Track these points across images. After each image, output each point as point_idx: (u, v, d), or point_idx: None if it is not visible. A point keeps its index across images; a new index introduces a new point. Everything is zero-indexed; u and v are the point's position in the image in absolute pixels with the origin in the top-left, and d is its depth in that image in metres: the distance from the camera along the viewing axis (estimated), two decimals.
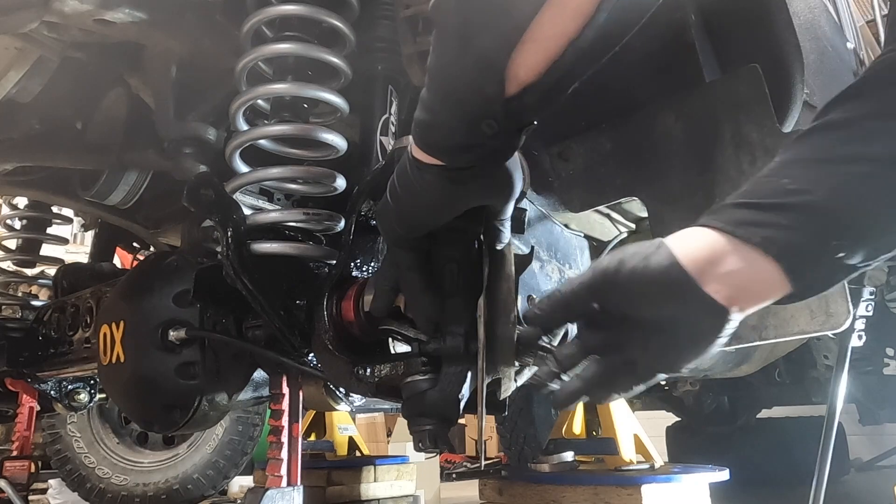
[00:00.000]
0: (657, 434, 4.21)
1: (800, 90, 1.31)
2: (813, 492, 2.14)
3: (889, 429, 4.82)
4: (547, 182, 1.49)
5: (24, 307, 2.08)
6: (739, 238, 0.66)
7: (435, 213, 0.81)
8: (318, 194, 1.25)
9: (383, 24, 1.35)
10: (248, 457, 2.80)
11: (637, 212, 1.70)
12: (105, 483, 2.62)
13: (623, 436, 2.21)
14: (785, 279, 0.67)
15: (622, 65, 0.69)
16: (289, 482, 1.22)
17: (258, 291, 1.09)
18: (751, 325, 1.24)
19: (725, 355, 2.49)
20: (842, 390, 2.26)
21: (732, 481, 2.24)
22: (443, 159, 0.74)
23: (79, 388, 2.02)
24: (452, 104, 0.70)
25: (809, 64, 1.33)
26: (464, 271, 0.85)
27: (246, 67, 1.17)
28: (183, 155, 1.45)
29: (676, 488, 2.03)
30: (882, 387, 3.44)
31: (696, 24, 1.31)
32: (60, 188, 1.98)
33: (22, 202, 2.26)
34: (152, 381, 1.23)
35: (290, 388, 1.25)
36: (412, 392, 0.89)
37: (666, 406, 4.19)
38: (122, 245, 2.47)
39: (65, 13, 1.20)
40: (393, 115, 1.35)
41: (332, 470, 2.90)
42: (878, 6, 2.73)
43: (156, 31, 1.32)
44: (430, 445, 0.85)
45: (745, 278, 0.67)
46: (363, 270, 1.16)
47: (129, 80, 1.53)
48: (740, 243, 0.66)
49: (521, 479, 2.25)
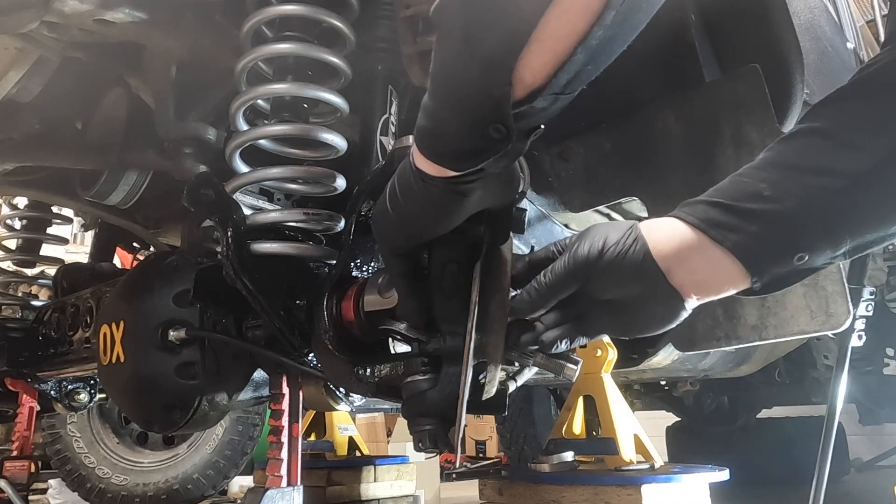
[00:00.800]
0: (657, 434, 4.21)
1: (800, 90, 1.31)
2: (813, 492, 2.14)
3: (889, 429, 4.82)
4: (547, 182, 1.50)
5: (24, 307, 2.08)
6: (711, 238, 0.71)
7: (439, 224, 0.80)
8: (318, 194, 1.25)
9: (383, 24, 1.35)
10: (248, 457, 2.81)
11: (637, 212, 1.70)
12: (105, 483, 2.62)
13: (623, 436, 2.21)
14: (746, 278, 0.73)
15: (622, 65, 0.69)
16: (289, 482, 1.22)
17: (258, 291, 1.09)
18: (751, 325, 1.24)
19: (725, 355, 2.49)
20: (842, 390, 2.25)
21: (732, 481, 2.23)
22: (449, 167, 0.72)
23: (79, 388, 2.02)
24: (459, 110, 0.68)
25: (809, 64, 1.33)
26: (464, 272, 0.85)
27: (246, 67, 1.17)
28: (183, 155, 1.45)
29: (676, 488, 2.03)
30: (882, 387, 3.43)
31: (696, 24, 1.31)
32: (60, 188, 1.98)
33: (22, 202, 2.26)
34: (152, 381, 1.23)
35: (290, 388, 1.25)
36: (412, 392, 0.89)
37: (666, 406, 4.19)
38: (122, 245, 2.47)
39: (65, 13, 1.20)
40: (393, 115, 1.35)
41: (332, 470, 2.89)
42: (878, 6, 2.73)
43: (156, 31, 1.32)
44: (430, 445, 0.85)
45: (708, 275, 0.73)
46: (363, 270, 1.16)
47: (129, 80, 1.53)
48: (710, 243, 0.72)
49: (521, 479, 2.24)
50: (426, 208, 0.77)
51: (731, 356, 2.53)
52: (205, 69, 1.42)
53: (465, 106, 0.67)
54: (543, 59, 0.62)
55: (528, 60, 0.62)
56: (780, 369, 3.46)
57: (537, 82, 0.64)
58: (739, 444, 4.07)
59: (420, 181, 0.75)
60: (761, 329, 1.23)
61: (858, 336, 2.30)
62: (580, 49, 0.61)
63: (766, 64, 1.24)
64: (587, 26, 0.60)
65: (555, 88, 0.64)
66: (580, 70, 0.64)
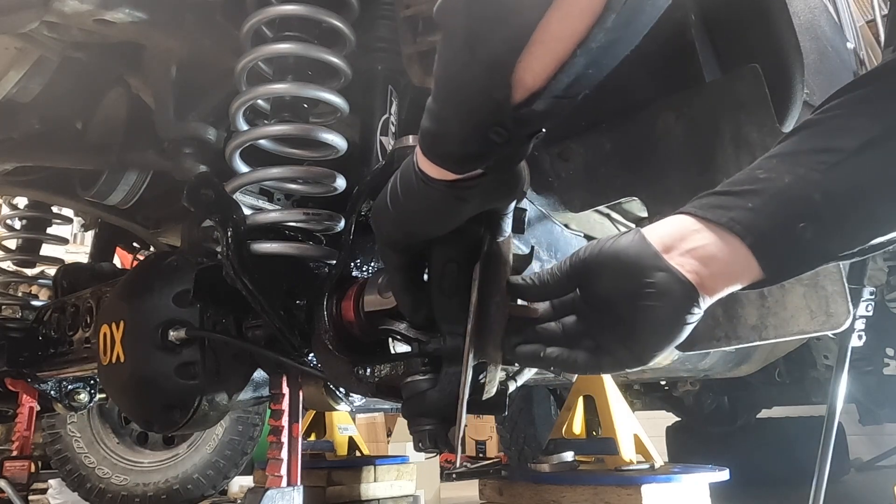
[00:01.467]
0: (657, 434, 4.21)
1: (800, 90, 1.31)
2: (813, 492, 2.14)
3: (889, 429, 4.82)
4: (547, 182, 1.50)
5: (24, 307, 2.08)
6: (707, 219, 0.70)
7: (439, 225, 0.80)
8: (318, 194, 1.25)
9: (383, 24, 1.35)
10: (248, 457, 2.81)
11: (637, 212, 1.70)
12: (105, 483, 2.62)
13: (623, 436, 2.21)
14: (752, 259, 0.69)
15: (622, 65, 0.69)
16: (289, 482, 1.22)
17: (258, 291, 1.09)
18: (751, 325, 1.24)
19: (725, 355, 2.49)
20: (842, 390, 2.26)
21: (732, 481, 2.24)
22: (451, 170, 0.72)
23: (79, 388, 2.02)
24: (461, 112, 0.67)
25: (809, 64, 1.33)
26: (464, 272, 0.85)
27: (246, 67, 1.17)
28: (183, 155, 1.45)
29: (676, 488, 2.03)
30: (882, 387, 3.43)
31: (696, 24, 1.31)
32: (60, 188, 1.98)
33: (22, 202, 2.26)
34: (152, 381, 1.23)
35: (290, 388, 1.25)
36: (412, 392, 0.89)
37: (666, 406, 4.19)
38: (122, 245, 2.47)
39: (65, 13, 1.20)
40: (393, 115, 1.35)
41: (332, 470, 2.90)
42: (878, 6, 2.73)
43: (156, 31, 1.32)
44: (430, 445, 0.85)
45: (709, 253, 0.69)
46: (363, 270, 1.16)
47: (129, 80, 1.53)
48: (708, 223, 0.70)
49: (521, 479, 2.25)
50: (426, 209, 0.77)
51: (731, 356, 2.53)
52: (205, 69, 1.42)
53: (467, 108, 0.67)
54: (543, 61, 0.62)
55: (528, 62, 0.62)
56: (780, 369, 3.46)
57: (537, 84, 0.63)
58: (739, 444, 4.07)
59: (422, 182, 0.75)
60: (761, 329, 1.23)
61: (858, 336, 2.30)
62: (580, 51, 0.61)
63: (766, 64, 1.24)
64: (587, 28, 0.60)
65: (555, 91, 0.64)
66: (581, 73, 0.63)
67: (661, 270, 0.69)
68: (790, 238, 0.68)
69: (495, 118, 0.65)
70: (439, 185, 0.74)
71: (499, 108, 0.64)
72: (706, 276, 0.69)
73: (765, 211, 0.68)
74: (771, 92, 1.22)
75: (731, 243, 0.69)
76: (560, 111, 0.67)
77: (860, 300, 2.27)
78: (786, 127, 1.29)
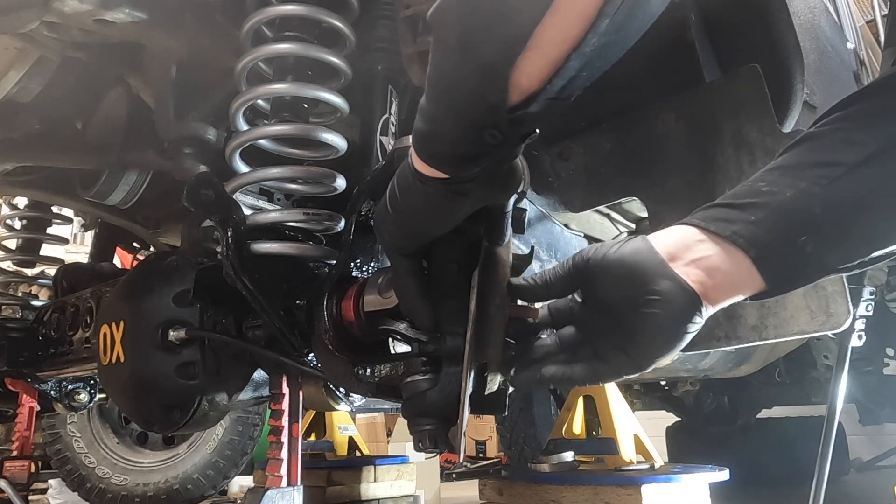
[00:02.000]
0: (657, 434, 4.21)
1: (800, 90, 1.31)
2: (813, 492, 2.14)
3: (889, 429, 4.82)
4: (547, 182, 1.50)
5: (24, 307, 2.08)
6: (712, 232, 0.71)
7: (438, 223, 0.81)
8: (318, 194, 1.25)
9: (383, 24, 1.35)
10: (248, 457, 2.81)
11: (637, 212, 1.70)
12: (105, 483, 2.62)
13: (623, 436, 2.21)
14: (755, 272, 0.70)
15: (622, 65, 0.69)
16: (289, 482, 1.22)
17: (258, 291, 1.09)
18: (751, 325, 1.24)
19: (725, 355, 2.49)
20: (842, 390, 2.26)
21: (732, 481, 2.24)
22: (445, 170, 0.73)
23: (79, 388, 2.02)
24: (454, 114, 0.68)
25: (809, 64, 1.33)
26: (464, 272, 0.85)
27: (246, 67, 1.17)
28: (183, 155, 1.45)
29: (676, 488, 2.04)
30: (882, 387, 3.44)
31: (696, 24, 1.31)
32: (60, 188, 1.98)
33: (22, 202, 2.26)
34: (152, 381, 1.23)
35: (290, 388, 1.25)
36: (412, 392, 0.89)
37: (666, 406, 4.19)
38: (122, 245, 2.47)
39: (65, 13, 1.20)
40: (393, 115, 1.35)
41: (332, 470, 2.90)
42: (878, 6, 2.73)
43: (156, 31, 1.32)
44: (430, 445, 0.85)
45: (713, 264, 0.70)
46: (363, 270, 1.16)
47: (129, 80, 1.53)
48: (712, 235, 0.71)
49: (521, 479, 2.25)
50: (424, 208, 0.78)
51: (731, 356, 2.53)
52: (205, 69, 1.42)
53: (461, 110, 0.68)
54: (539, 65, 0.63)
55: (523, 66, 0.63)
56: (780, 369, 3.46)
57: (533, 87, 0.64)
58: (739, 444, 4.07)
59: (418, 182, 0.75)
60: (761, 329, 1.23)
61: (858, 336, 2.30)
62: (575, 55, 0.62)
63: (766, 64, 1.24)
64: (582, 33, 0.61)
65: (550, 94, 0.65)
66: (575, 76, 0.64)
67: (666, 278, 0.70)
68: (792, 251, 0.70)
69: (489, 120, 0.66)
70: (434, 182, 0.74)
71: (493, 111, 0.65)
72: (710, 287, 0.70)
73: (767, 224, 0.70)
74: (771, 92, 1.22)
75: (734, 256, 0.70)
76: (553, 112, 0.68)
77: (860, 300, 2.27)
78: (786, 127, 1.29)
